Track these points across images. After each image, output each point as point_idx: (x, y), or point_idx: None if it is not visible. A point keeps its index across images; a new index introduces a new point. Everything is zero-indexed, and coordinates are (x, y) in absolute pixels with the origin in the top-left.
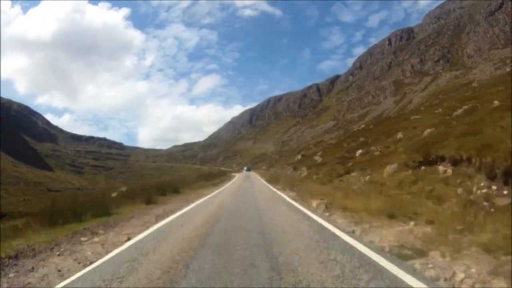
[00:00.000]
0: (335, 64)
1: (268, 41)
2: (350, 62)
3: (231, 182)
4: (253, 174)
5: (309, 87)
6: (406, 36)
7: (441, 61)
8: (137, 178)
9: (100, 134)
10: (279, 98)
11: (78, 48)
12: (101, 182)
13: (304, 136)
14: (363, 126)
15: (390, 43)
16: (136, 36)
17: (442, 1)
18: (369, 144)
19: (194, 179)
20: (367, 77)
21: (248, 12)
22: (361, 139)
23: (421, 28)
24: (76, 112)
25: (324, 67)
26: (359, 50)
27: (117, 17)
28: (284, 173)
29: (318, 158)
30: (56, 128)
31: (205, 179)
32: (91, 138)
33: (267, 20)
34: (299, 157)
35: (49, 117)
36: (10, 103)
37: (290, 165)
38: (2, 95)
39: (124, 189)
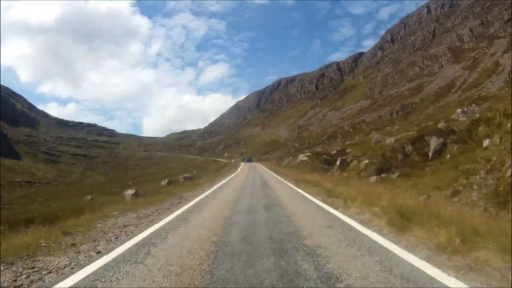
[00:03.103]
0: (344, 56)
1: (278, 32)
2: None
3: None
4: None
5: (328, 66)
6: (448, 3)
7: None
8: (121, 170)
9: (107, 125)
10: (291, 80)
11: (83, 34)
12: (75, 173)
13: (328, 119)
14: None
15: (429, 11)
16: (142, 23)
17: None
18: None
19: None
20: (403, 49)
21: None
22: None
23: None
24: (82, 102)
25: (334, 59)
26: (369, 43)
27: (124, 1)
28: None
29: None
30: (40, 112)
31: None
32: (80, 124)
33: (277, 9)
34: None
35: (53, 106)
36: None
37: None
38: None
39: None
